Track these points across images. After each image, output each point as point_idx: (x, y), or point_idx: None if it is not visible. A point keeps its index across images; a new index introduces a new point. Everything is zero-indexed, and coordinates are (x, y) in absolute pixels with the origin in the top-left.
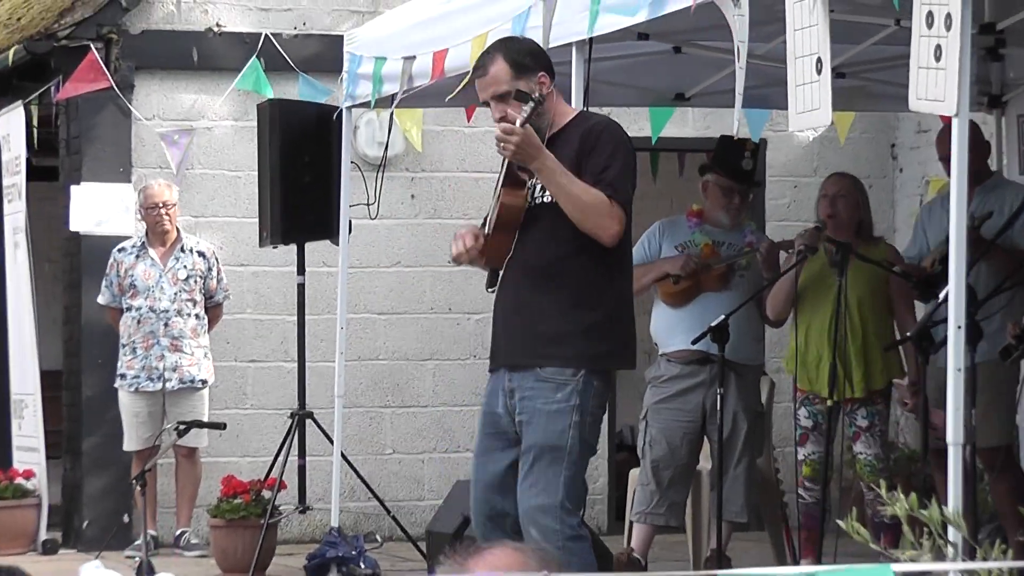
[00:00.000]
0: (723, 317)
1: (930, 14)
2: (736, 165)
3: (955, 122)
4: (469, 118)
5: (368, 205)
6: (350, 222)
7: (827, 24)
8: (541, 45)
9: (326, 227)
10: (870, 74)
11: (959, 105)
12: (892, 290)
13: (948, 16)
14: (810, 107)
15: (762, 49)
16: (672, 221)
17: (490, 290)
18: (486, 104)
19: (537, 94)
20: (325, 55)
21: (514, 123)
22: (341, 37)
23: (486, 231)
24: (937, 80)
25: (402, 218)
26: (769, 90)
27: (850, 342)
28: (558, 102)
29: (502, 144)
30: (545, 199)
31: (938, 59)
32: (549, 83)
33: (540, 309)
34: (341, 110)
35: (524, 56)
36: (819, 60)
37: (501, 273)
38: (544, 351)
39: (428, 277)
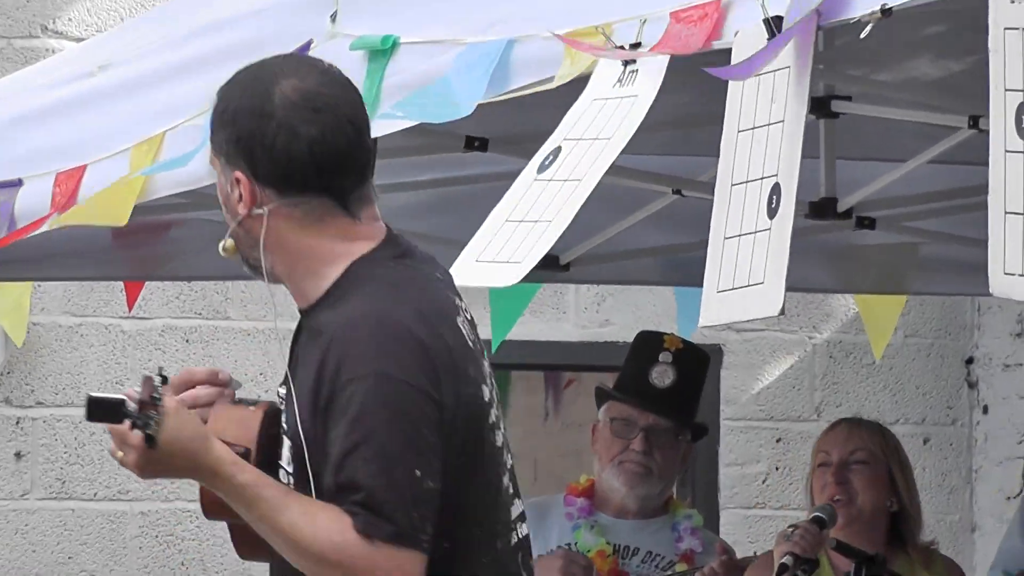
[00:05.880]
0: None
1: (1022, 109)
2: (641, 378)
3: None
4: (131, 305)
5: None
6: None
7: None
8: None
9: None
10: (921, 221)
11: None
12: None
13: None
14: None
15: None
16: (540, 507)
17: None
18: None
19: (158, 375)
20: None
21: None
22: None
23: None
24: None
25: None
26: None
27: None
28: (314, 235)
29: (119, 456)
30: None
31: None
32: (253, 198)
33: None
34: None
35: (227, 121)
36: None
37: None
38: None
39: None
